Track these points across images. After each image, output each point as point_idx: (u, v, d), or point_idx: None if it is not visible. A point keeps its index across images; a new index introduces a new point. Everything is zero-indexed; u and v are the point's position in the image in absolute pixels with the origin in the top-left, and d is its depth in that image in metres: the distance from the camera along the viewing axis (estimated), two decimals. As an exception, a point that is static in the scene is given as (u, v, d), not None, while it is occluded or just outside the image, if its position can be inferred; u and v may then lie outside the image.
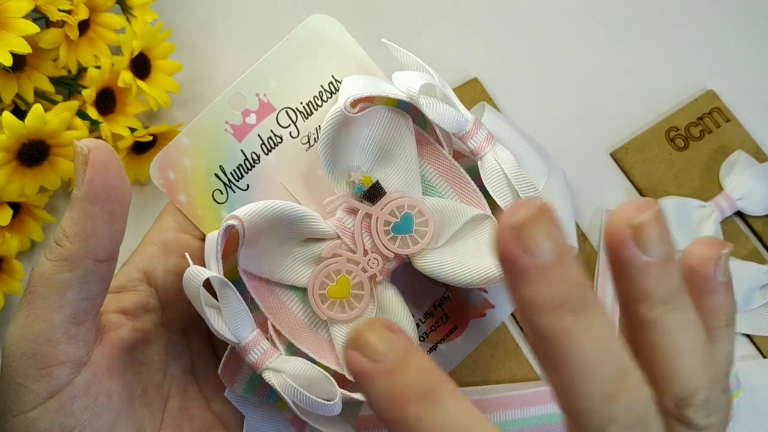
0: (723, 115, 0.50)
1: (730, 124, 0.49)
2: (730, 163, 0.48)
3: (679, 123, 0.49)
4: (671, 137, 0.49)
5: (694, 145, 0.49)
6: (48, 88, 0.44)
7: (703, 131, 0.49)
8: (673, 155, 0.49)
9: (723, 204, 0.47)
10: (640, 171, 0.49)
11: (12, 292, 0.43)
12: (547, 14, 0.55)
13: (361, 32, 0.54)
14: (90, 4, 0.44)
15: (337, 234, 0.33)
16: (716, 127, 0.49)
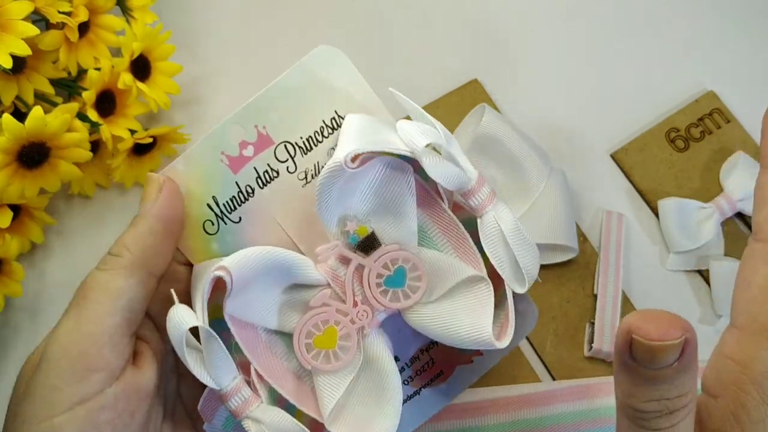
0: (723, 116, 0.50)
1: (730, 125, 0.50)
2: (730, 164, 0.48)
3: (680, 124, 0.50)
4: (671, 138, 0.49)
5: (695, 146, 0.49)
6: (48, 90, 0.44)
7: (704, 132, 0.49)
8: (674, 156, 0.49)
9: (724, 205, 0.47)
10: (640, 172, 0.49)
11: (12, 294, 0.43)
12: (547, 15, 0.55)
13: (362, 32, 0.55)
14: (90, 5, 0.44)
15: (328, 282, 0.32)
16: (716, 128, 0.49)
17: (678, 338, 0.24)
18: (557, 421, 0.43)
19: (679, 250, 0.47)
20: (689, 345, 0.24)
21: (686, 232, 0.47)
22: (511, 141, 0.46)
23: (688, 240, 0.47)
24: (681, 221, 0.47)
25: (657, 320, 0.24)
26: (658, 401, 0.25)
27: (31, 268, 0.47)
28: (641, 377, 0.25)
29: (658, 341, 0.24)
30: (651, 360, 0.24)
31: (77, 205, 0.49)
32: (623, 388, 0.26)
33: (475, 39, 0.54)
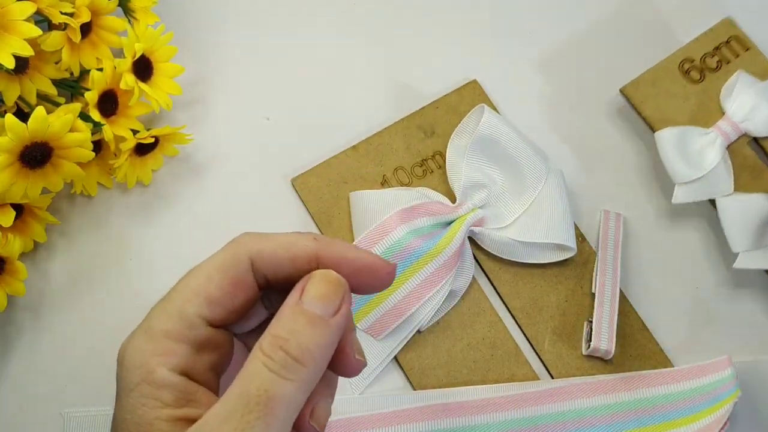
0: (741, 44, 0.46)
1: (749, 52, 0.46)
2: (729, 86, 0.45)
3: (694, 54, 0.46)
4: (686, 69, 0.46)
5: (711, 77, 0.45)
6: (50, 90, 0.44)
7: (720, 62, 0.46)
8: (688, 89, 0.45)
9: (726, 128, 0.44)
10: (652, 105, 0.45)
11: (15, 293, 0.43)
12: (546, 16, 0.55)
13: (362, 32, 0.55)
14: (92, 6, 0.44)
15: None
16: (735, 56, 0.46)
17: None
18: (556, 420, 0.43)
19: (682, 182, 0.44)
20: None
21: (689, 161, 0.43)
22: (510, 141, 0.46)
23: (691, 169, 0.43)
24: (682, 150, 0.44)
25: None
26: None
27: (33, 267, 0.47)
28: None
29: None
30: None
31: (80, 204, 0.49)
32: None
33: (475, 39, 0.54)
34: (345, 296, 0.28)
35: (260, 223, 0.48)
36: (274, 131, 0.51)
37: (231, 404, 0.25)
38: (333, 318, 0.27)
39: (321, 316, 0.27)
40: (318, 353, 0.27)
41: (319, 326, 0.27)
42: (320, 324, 0.27)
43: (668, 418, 0.43)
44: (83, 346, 0.45)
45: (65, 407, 0.44)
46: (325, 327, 0.27)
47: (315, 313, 0.27)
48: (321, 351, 0.27)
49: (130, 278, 0.47)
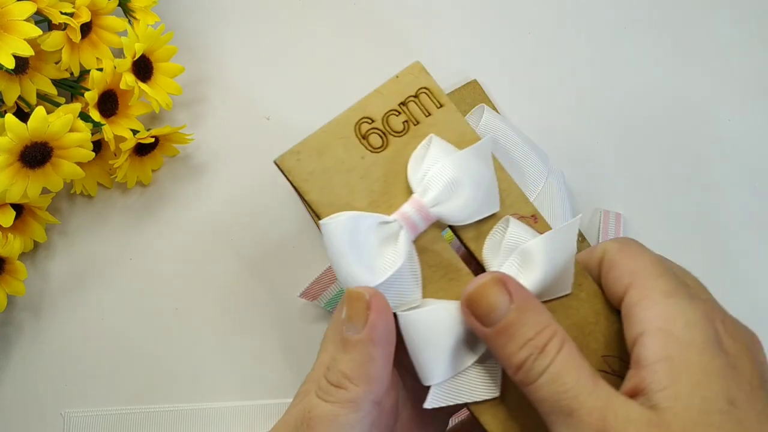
0: (434, 98, 0.34)
1: (443, 110, 0.34)
2: (418, 156, 0.33)
3: (375, 111, 0.34)
4: (364, 132, 0.33)
5: (396, 143, 0.33)
6: (50, 90, 0.44)
7: (408, 123, 0.33)
8: (367, 160, 0.33)
9: (411, 214, 0.31)
10: (319, 185, 0.32)
11: (15, 293, 0.43)
12: (546, 16, 0.55)
13: (362, 32, 0.55)
14: (92, 6, 0.44)
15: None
16: (426, 115, 0.34)
17: (486, 278, 0.28)
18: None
19: (357, 285, 0.30)
20: (509, 284, 0.28)
21: (364, 262, 0.30)
22: (510, 141, 0.46)
23: (367, 272, 0.30)
24: (355, 246, 0.31)
25: (469, 286, 0.28)
26: (524, 347, 0.27)
27: (33, 267, 0.47)
28: (500, 335, 0.27)
29: (469, 289, 0.28)
30: (485, 311, 0.28)
31: (80, 204, 0.49)
32: (500, 359, 0.28)
33: (475, 39, 0.54)
34: (371, 307, 0.29)
35: (260, 223, 0.48)
36: (274, 131, 0.51)
37: (291, 423, 0.29)
38: (359, 335, 0.28)
39: (348, 337, 0.29)
40: (355, 373, 0.28)
41: (349, 347, 0.29)
42: (348, 345, 0.29)
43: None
44: (83, 346, 0.45)
45: (65, 407, 0.44)
46: (354, 346, 0.29)
47: (345, 336, 0.29)
48: (358, 369, 0.28)
49: (130, 278, 0.47)
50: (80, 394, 0.44)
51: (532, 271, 0.30)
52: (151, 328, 0.46)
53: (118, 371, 0.45)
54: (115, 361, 0.45)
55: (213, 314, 0.46)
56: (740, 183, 0.51)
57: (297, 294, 0.46)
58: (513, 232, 0.31)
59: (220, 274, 0.47)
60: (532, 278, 0.30)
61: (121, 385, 0.45)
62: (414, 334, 0.30)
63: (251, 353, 0.45)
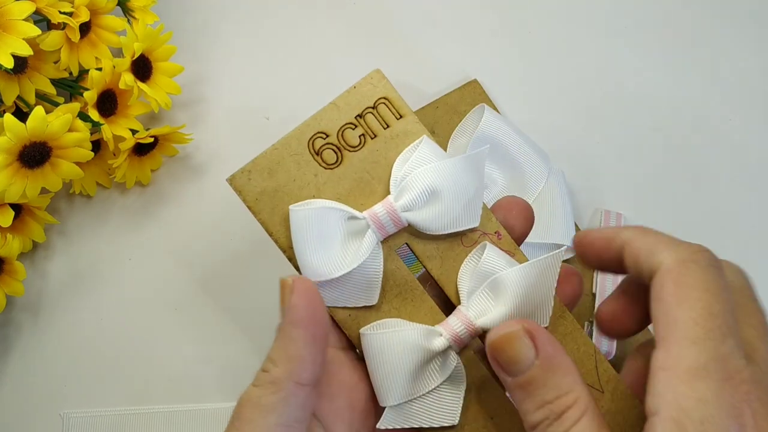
0: (393, 109, 0.32)
1: (403, 121, 0.32)
2: (405, 156, 0.32)
3: (329, 125, 0.32)
4: (318, 148, 0.32)
5: (351, 159, 0.32)
6: (49, 90, 0.44)
7: (364, 136, 0.32)
8: (320, 177, 0.31)
9: (381, 214, 0.30)
10: (270, 205, 0.32)
11: (13, 293, 0.43)
12: (546, 16, 0.55)
13: (362, 32, 0.55)
14: (91, 6, 0.44)
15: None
16: (384, 127, 0.32)
17: (515, 328, 0.26)
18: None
19: (319, 279, 0.31)
20: (537, 338, 0.26)
21: (326, 254, 0.30)
22: (511, 141, 0.46)
23: (328, 265, 0.30)
24: (320, 237, 0.31)
25: (497, 329, 0.27)
26: (542, 408, 0.26)
27: (32, 267, 0.47)
28: (520, 389, 0.26)
29: (494, 336, 0.27)
30: (507, 362, 0.26)
31: (78, 204, 0.49)
32: (518, 409, 0.27)
33: (475, 39, 0.54)
34: (293, 290, 0.29)
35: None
36: (274, 131, 0.51)
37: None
38: (282, 319, 0.29)
39: (278, 324, 0.29)
40: (276, 354, 0.29)
41: (277, 332, 0.29)
42: (277, 332, 0.29)
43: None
44: (82, 347, 0.45)
45: (64, 408, 0.44)
46: (279, 330, 0.29)
47: (278, 325, 0.29)
48: (279, 351, 0.29)
49: (129, 278, 0.47)
50: (79, 395, 0.44)
51: (502, 303, 0.29)
52: (150, 329, 0.46)
53: (118, 372, 0.45)
54: (114, 362, 0.45)
55: (212, 314, 0.46)
56: (741, 183, 0.51)
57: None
58: (488, 258, 0.30)
59: (220, 274, 0.47)
60: (501, 310, 0.29)
61: (120, 385, 0.45)
62: (373, 354, 0.30)
63: (250, 354, 0.45)
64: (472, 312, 0.30)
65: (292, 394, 0.28)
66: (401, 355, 0.30)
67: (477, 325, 0.29)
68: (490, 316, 0.29)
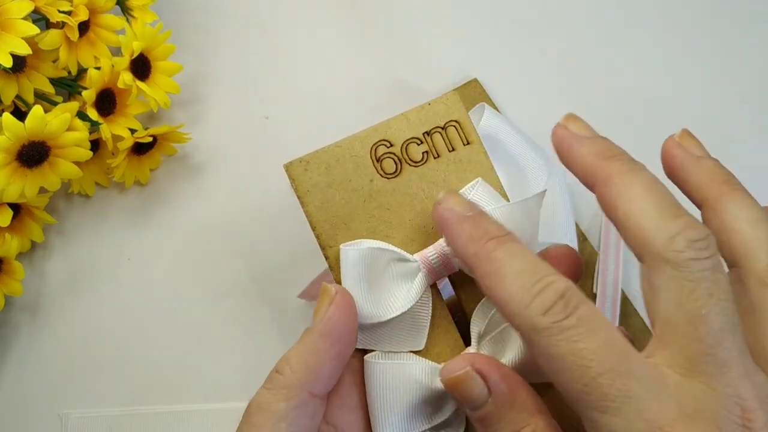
0: (463, 134, 0.33)
1: (469, 148, 0.33)
2: (465, 192, 0.32)
3: (396, 136, 0.32)
4: (379, 156, 0.32)
5: (409, 173, 0.32)
6: (48, 89, 0.44)
7: (427, 154, 0.32)
8: (375, 184, 0.31)
9: (433, 259, 0.30)
10: (319, 200, 0.31)
11: (12, 293, 0.43)
12: (546, 15, 0.55)
13: (362, 32, 0.55)
14: (90, 5, 0.44)
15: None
16: (449, 150, 0.32)
17: (460, 369, 0.26)
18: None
19: (364, 322, 0.30)
20: (489, 378, 0.26)
21: (374, 296, 0.30)
22: (511, 141, 0.46)
23: (377, 309, 0.30)
24: (369, 278, 0.30)
25: (448, 368, 0.27)
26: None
27: (31, 267, 0.47)
28: (478, 422, 0.27)
29: (446, 377, 0.27)
30: (461, 399, 0.27)
31: (77, 204, 0.49)
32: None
33: (475, 38, 0.54)
34: (333, 301, 0.29)
35: (259, 223, 0.48)
36: (273, 130, 0.51)
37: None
38: (314, 326, 0.28)
39: (308, 328, 0.29)
40: (295, 359, 0.28)
41: (302, 336, 0.29)
42: (303, 335, 0.29)
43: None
44: (81, 347, 0.45)
45: (63, 408, 0.44)
46: (306, 335, 0.29)
47: (308, 328, 0.29)
48: (300, 356, 0.28)
49: (129, 278, 0.47)
50: (78, 395, 0.44)
51: (511, 352, 0.29)
52: (149, 329, 0.46)
53: (117, 372, 0.45)
54: (113, 362, 0.45)
55: (212, 314, 0.46)
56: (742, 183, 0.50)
57: (296, 294, 0.45)
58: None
59: (219, 274, 0.47)
60: (509, 358, 0.29)
61: (119, 385, 0.45)
62: (374, 384, 0.30)
63: (250, 354, 0.45)
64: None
65: (304, 403, 0.28)
66: (404, 390, 0.29)
67: None
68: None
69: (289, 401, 0.28)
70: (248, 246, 0.47)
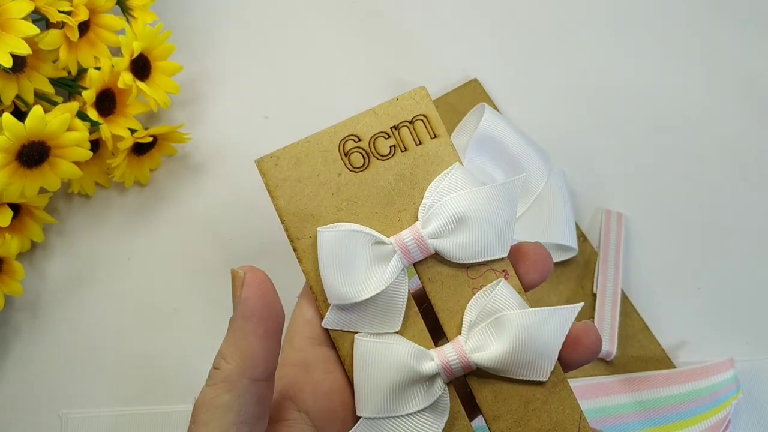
0: (430, 127, 0.33)
1: (436, 141, 0.32)
2: (436, 182, 0.32)
3: (363, 130, 0.32)
4: (347, 150, 0.32)
5: (377, 166, 0.32)
6: (48, 89, 0.44)
7: (395, 148, 0.32)
8: (343, 178, 0.32)
9: (408, 241, 0.30)
10: (289, 193, 0.32)
11: (12, 293, 0.43)
12: (546, 15, 0.55)
13: (362, 32, 0.55)
14: (90, 5, 0.44)
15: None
16: (416, 144, 0.32)
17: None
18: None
19: (339, 303, 0.30)
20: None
21: (350, 277, 0.30)
22: (511, 140, 0.46)
23: (352, 290, 0.30)
24: (345, 259, 0.30)
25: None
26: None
27: (31, 267, 0.47)
28: None
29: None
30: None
31: (77, 204, 0.49)
32: None
33: (475, 38, 0.54)
34: (244, 283, 0.28)
35: (258, 222, 0.48)
36: (273, 130, 0.51)
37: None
38: (234, 313, 0.28)
39: (230, 317, 0.28)
40: (228, 350, 0.28)
41: (228, 327, 0.28)
42: (229, 325, 0.28)
43: (670, 420, 0.42)
44: (81, 347, 0.45)
45: (63, 408, 0.44)
46: (230, 324, 0.28)
47: (230, 317, 0.28)
48: (231, 346, 0.28)
49: (128, 278, 0.47)
50: (78, 395, 0.44)
51: (502, 343, 0.29)
52: (149, 329, 0.46)
53: (117, 372, 0.45)
54: (113, 362, 0.45)
55: (212, 314, 0.46)
56: (742, 183, 0.50)
57: (295, 294, 0.45)
58: (500, 295, 0.30)
59: (219, 274, 0.47)
60: (499, 349, 0.29)
61: (119, 386, 0.45)
62: (361, 360, 0.30)
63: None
64: (470, 345, 0.30)
65: (247, 391, 0.28)
66: (388, 369, 0.29)
67: (471, 359, 0.29)
68: (487, 353, 0.29)
69: (231, 392, 0.27)
70: (248, 246, 0.47)
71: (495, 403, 0.30)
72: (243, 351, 0.28)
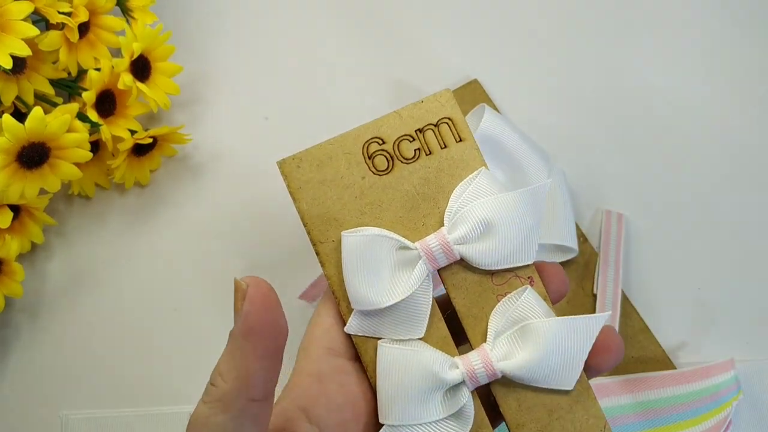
0: (456, 131, 0.32)
1: (461, 145, 0.32)
2: (462, 187, 0.31)
3: (388, 133, 0.32)
4: (371, 153, 0.32)
5: (401, 169, 0.32)
6: (48, 90, 0.44)
7: (419, 151, 0.32)
8: (367, 181, 0.32)
9: (433, 247, 0.30)
10: (311, 196, 0.31)
11: (12, 294, 0.43)
12: (546, 16, 0.55)
13: (362, 32, 0.55)
14: (90, 6, 0.44)
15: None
16: (441, 147, 0.32)
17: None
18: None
19: (363, 309, 0.30)
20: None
21: (374, 282, 0.30)
22: (511, 141, 0.46)
23: (376, 296, 0.30)
24: (370, 264, 0.30)
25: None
26: None
27: (31, 268, 0.47)
28: None
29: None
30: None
31: (77, 205, 0.49)
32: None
33: (476, 39, 0.54)
34: (246, 297, 0.27)
35: (259, 223, 0.48)
36: (273, 131, 0.51)
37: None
38: (234, 328, 0.27)
39: (231, 330, 0.27)
40: (225, 367, 0.26)
41: (228, 341, 0.27)
42: (228, 339, 0.27)
43: (671, 421, 0.42)
44: (81, 348, 0.45)
45: (63, 409, 0.44)
46: (230, 339, 0.27)
47: (231, 330, 0.27)
48: (229, 363, 0.26)
49: (128, 279, 0.47)
50: (78, 396, 0.44)
51: (529, 351, 0.29)
52: (149, 330, 0.46)
53: (117, 373, 0.45)
54: (113, 363, 0.45)
55: (212, 315, 0.46)
56: (742, 183, 0.50)
57: (296, 296, 0.45)
58: (526, 302, 0.30)
59: (219, 275, 0.47)
60: (525, 358, 0.29)
61: (119, 386, 0.45)
62: (385, 368, 0.30)
63: (250, 355, 0.45)
64: (496, 353, 0.29)
65: (243, 412, 0.26)
66: (412, 376, 0.29)
67: (497, 367, 0.29)
68: (513, 361, 0.29)
69: (226, 413, 0.26)
70: (248, 247, 0.47)
71: (519, 412, 0.30)
72: (240, 371, 0.26)
